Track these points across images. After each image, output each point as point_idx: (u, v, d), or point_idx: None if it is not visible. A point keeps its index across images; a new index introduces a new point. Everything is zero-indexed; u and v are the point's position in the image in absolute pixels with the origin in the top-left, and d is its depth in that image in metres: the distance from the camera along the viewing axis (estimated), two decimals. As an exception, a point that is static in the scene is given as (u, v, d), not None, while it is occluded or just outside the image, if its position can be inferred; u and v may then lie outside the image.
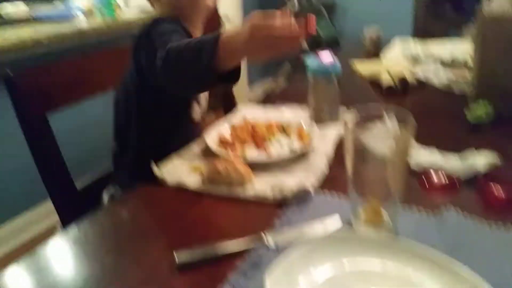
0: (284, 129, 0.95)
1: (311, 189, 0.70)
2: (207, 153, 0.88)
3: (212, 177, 0.76)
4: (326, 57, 0.96)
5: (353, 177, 0.61)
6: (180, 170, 0.81)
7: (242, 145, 0.89)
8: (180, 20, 0.95)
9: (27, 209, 2.02)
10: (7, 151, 1.86)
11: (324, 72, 0.95)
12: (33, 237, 2.01)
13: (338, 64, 0.96)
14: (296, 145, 0.88)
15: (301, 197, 0.70)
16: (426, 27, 3.72)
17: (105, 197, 1.04)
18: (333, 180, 0.77)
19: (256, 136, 0.91)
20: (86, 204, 1.03)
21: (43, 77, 0.97)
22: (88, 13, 2.24)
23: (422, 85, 1.29)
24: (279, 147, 0.88)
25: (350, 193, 0.62)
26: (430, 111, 1.12)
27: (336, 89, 0.97)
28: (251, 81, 3.80)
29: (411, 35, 3.34)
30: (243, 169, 0.75)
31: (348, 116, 0.59)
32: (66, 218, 0.99)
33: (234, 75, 0.78)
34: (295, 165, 0.81)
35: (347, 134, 0.58)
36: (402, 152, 0.59)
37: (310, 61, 0.97)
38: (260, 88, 3.89)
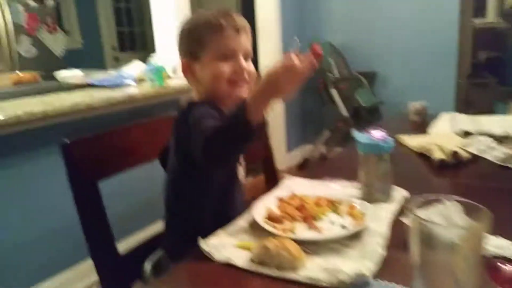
0: (334, 206, 0.91)
1: (369, 276, 0.66)
2: (255, 227, 0.85)
3: (262, 256, 0.72)
4: (377, 132, 0.94)
5: (420, 265, 0.56)
6: (227, 246, 0.79)
7: (291, 221, 0.86)
8: (213, 103, 0.96)
9: (68, 267, 2.01)
10: (54, 208, 1.90)
11: (375, 149, 0.93)
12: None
13: (390, 140, 0.93)
14: (349, 223, 0.84)
15: (359, 284, 0.65)
16: (469, 99, 3.68)
17: (148, 265, 1.02)
18: (392, 265, 0.71)
19: (305, 212, 0.88)
20: (128, 269, 1.03)
21: (96, 145, 1.00)
22: (139, 81, 2.37)
23: (475, 160, 1.24)
24: (330, 225, 0.84)
25: (415, 282, 0.57)
26: (485, 187, 1.07)
27: (388, 166, 0.94)
28: (289, 147, 3.82)
29: (454, 107, 3.34)
30: (294, 249, 0.71)
31: (414, 200, 0.56)
32: (107, 283, 0.97)
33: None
34: (348, 246, 0.76)
35: (412, 218, 0.55)
36: (475, 243, 0.54)
37: (360, 136, 0.95)
38: (298, 154, 3.89)
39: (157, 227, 1.09)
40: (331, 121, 3.64)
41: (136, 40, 5.69)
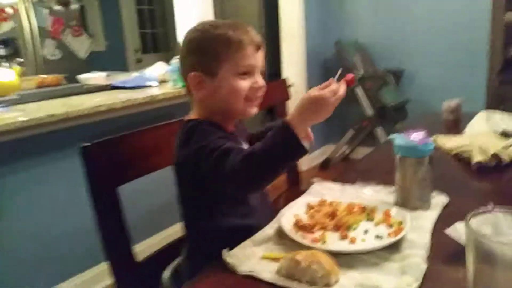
0: (367, 213, 0.85)
1: (412, 295, 0.59)
2: (283, 237, 0.79)
3: (291, 270, 0.66)
4: (416, 134, 0.87)
5: (474, 283, 0.49)
6: (252, 257, 0.73)
7: (322, 230, 0.80)
8: (214, 122, 0.90)
9: (85, 270, 2.00)
10: (72, 210, 1.89)
11: (414, 152, 0.85)
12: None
13: (431, 143, 0.86)
14: (384, 233, 0.77)
15: (400, 304, 0.58)
16: (501, 97, 3.52)
17: (167, 274, 0.97)
18: (434, 280, 0.64)
19: (337, 220, 0.81)
20: (146, 277, 0.99)
21: (116, 148, 0.96)
22: (162, 82, 2.34)
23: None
24: (363, 235, 0.78)
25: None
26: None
27: (428, 171, 0.86)
28: (312, 147, 3.73)
29: (485, 106, 3.19)
30: (327, 262, 0.65)
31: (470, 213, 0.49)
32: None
33: None
34: (386, 259, 0.69)
35: (468, 233, 0.48)
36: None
37: (398, 138, 0.88)
38: (321, 154, 3.81)
39: (176, 230, 1.03)
40: (355, 120, 3.54)
41: (159, 41, 5.70)
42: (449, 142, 1.28)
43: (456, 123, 1.67)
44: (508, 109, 1.71)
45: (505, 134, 1.32)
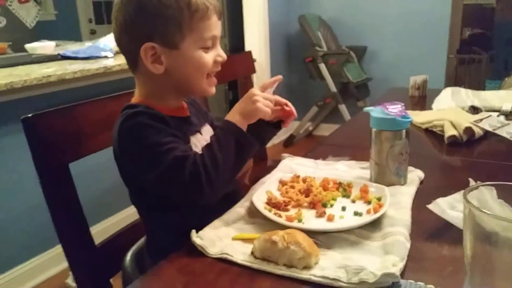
0: (344, 189, 0.80)
1: (398, 275, 0.55)
2: (255, 215, 0.73)
3: (267, 251, 0.61)
4: (393, 107, 0.82)
5: (473, 263, 0.46)
6: (224, 238, 0.67)
7: (297, 207, 0.75)
8: (160, 106, 0.78)
9: (39, 253, 1.87)
10: (22, 190, 1.74)
11: (392, 124, 0.81)
12: (43, 282, 1.85)
13: (408, 115, 0.82)
14: (363, 210, 0.73)
15: (386, 285, 0.54)
16: (459, 75, 3.62)
17: (129, 258, 0.89)
18: (417, 259, 0.61)
19: (312, 196, 0.76)
20: (106, 262, 0.90)
21: (66, 121, 0.85)
22: (117, 53, 2.19)
23: (486, 137, 1.14)
24: (341, 212, 0.73)
25: (467, 283, 0.46)
26: (499, 165, 0.98)
27: (405, 145, 0.82)
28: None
29: (444, 83, 3.26)
30: (306, 243, 0.60)
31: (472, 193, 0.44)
32: (83, 277, 0.86)
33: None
34: (367, 238, 0.65)
35: (469, 211, 0.44)
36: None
37: (375, 111, 0.83)
38: (284, 131, 3.78)
39: (134, 211, 0.95)
40: (319, 97, 3.53)
41: (114, 12, 5.40)
42: (418, 117, 1.26)
43: (422, 99, 1.66)
44: (469, 87, 1.73)
45: (473, 109, 1.31)
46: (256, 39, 3.42)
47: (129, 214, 2.14)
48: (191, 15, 0.73)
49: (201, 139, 0.82)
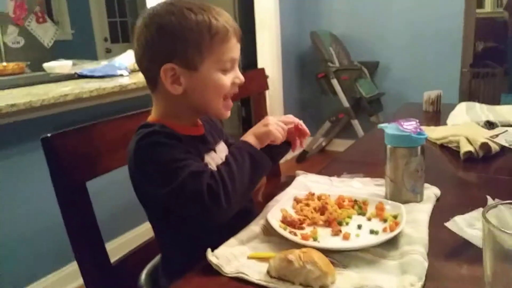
0: (359, 207, 0.80)
1: (416, 296, 0.54)
2: (270, 234, 0.73)
3: (282, 271, 0.60)
4: (408, 124, 0.82)
5: (493, 282, 0.45)
6: (239, 256, 0.67)
7: (312, 226, 0.74)
8: (177, 125, 0.79)
9: (54, 270, 1.88)
10: (39, 208, 1.77)
11: (407, 141, 0.81)
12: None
13: (424, 132, 0.81)
14: (379, 228, 0.72)
15: (404, 306, 0.53)
16: (473, 89, 3.59)
17: (144, 277, 0.89)
18: (436, 278, 0.60)
19: (327, 214, 0.76)
20: (120, 281, 0.91)
21: (83, 140, 0.87)
22: (132, 71, 2.23)
23: (503, 152, 1.13)
24: (357, 230, 0.73)
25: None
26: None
27: (421, 161, 0.82)
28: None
29: (458, 98, 3.24)
30: (322, 262, 0.59)
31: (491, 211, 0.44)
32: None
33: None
34: (384, 256, 0.64)
35: (488, 231, 0.43)
36: None
37: (390, 128, 0.83)
38: (298, 146, 3.77)
39: (149, 228, 0.95)
40: (331, 112, 3.52)
41: (129, 31, 5.52)
42: (433, 133, 1.25)
43: (436, 114, 1.65)
44: (484, 101, 1.72)
45: (489, 124, 1.30)
46: (269, 55, 3.45)
47: (144, 231, 2.15)
48: (211, 38, 0.75)
49: (215, 157, 0.83)
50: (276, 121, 0.82)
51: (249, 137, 0.79)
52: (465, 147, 1.08)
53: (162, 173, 0.72)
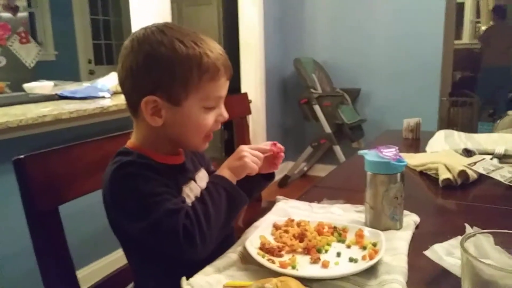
0: (338, 234, 0.79)
1: (395, 327, 0.53)
2: (248, 261, 0.71)
3: (259, 300, 0.59)
4: (388, 151, 0.82)
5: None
6: (215, 285, 0.65)
7: (291, 253, 0.73)
8: (146, 154, 0.76)
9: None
10: (9, 233, 1.70)
11: (386, 168, 0.81)
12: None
13: (403, 159, 0.82)
14: (358, 256, 0.71)
15: (383, 338, 0.52)
16: (451, 118, 3.67)
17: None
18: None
19: (307, 241, 0.74)
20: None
21: (58, 162, 0.85)
22: (115, 94, 2.21)
23: (481, 180, 1.14)
24: (336, 258, 0.71)
25: None
26: (494, 208, 0.99)
27: (400, 188, 0.82)
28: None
29: (437, 126, 3.30)
30: (299, 290, 0.58)
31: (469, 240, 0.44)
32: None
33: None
34: (363, 285, 0.63)
35: (467, 260, 0.43)
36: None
37: (369, 155, 0.83)
38: (280, 171, 3.77)
39: (122, 255, 0.92)
40: (313, 137, 3.55)
41: (114, 53, 5.52)
42: (412, 160, 1.27)
43: (415, 142, 1.68)
44: (463, 129, 1.75)
45: (467, 152, 1.32)
46: (252, 81, 3.48)
47: (117, 258, 2.08)
48: (199, 76, 0.72)
49: (194, 188, 0.81)
50: (251, 151, 0.78)
51: (224, 170, 0.77)
52: (444, 175, 1.09)
53: (138, 207, 0.69)
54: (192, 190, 0.80)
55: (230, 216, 0.75)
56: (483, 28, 6.02)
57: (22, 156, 0.77)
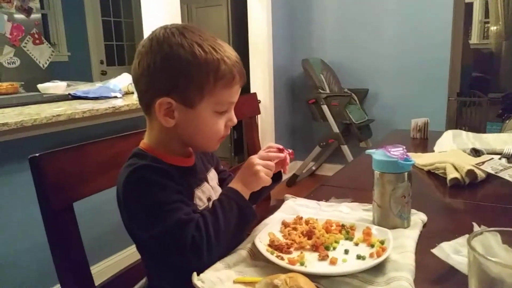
0: (346, 231, 0.80)
1: (401, 322, 0.54)
2: (257, 258, 0.73)
3: (268, 295, 0.60)
4: (395, 150, 0.83)
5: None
6: (225, 280, 0.66)
7: (300, 250, 0.74)
8: (159, 156, 0.77)
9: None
10: (26, 228, 1.74)
11: (395, 167, 0.82)
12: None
13: (410, 158, 0.83)
14: (366, 253, 0.72)
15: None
16: (460, 117, 3.65)
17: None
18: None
19: (314, 239, 0.76)
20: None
21: (72, 160, 0.87)
22: (127, 94, 2.25)
23: (489, 180, 1.14)
24: (344, 255, 0.73)
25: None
26: (502, 208, 0.99)
27: (407, 187, 0.83)
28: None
29: (445, 126, 3.29)
30: (308, 285, 0.59)
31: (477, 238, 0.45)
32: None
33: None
34: (370, 283, 0.64)
35: (474, 258, 0.44)
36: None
37: (377, 154, 0.84)
38: (288, 170, 3.78)
39: (135, 251, 0.94)
40: (321, 137, 3.56)
41: (125, 54, 5.58)
42: (420, 159, 1.27)
43: (423, 141, 1.68)
44: (470, 129, 1.75)
45: (475, 152, 1.32)
46: (261, 81, 3.50)
47: (130, 254, 2.12)
48: (215, 81, 0.73)
49: (206, 190, 0.83)
50: (263, 162, 0.79)
51: (238, 184, 0.78)
52: (452, 174, 1.10)
53: (149, 214, 0.71)
54: (204, 192, 0.82)
55: (239, 231, 0.76)
56: (492, 28, 5.95)
57: (37, 154, 0.79)
